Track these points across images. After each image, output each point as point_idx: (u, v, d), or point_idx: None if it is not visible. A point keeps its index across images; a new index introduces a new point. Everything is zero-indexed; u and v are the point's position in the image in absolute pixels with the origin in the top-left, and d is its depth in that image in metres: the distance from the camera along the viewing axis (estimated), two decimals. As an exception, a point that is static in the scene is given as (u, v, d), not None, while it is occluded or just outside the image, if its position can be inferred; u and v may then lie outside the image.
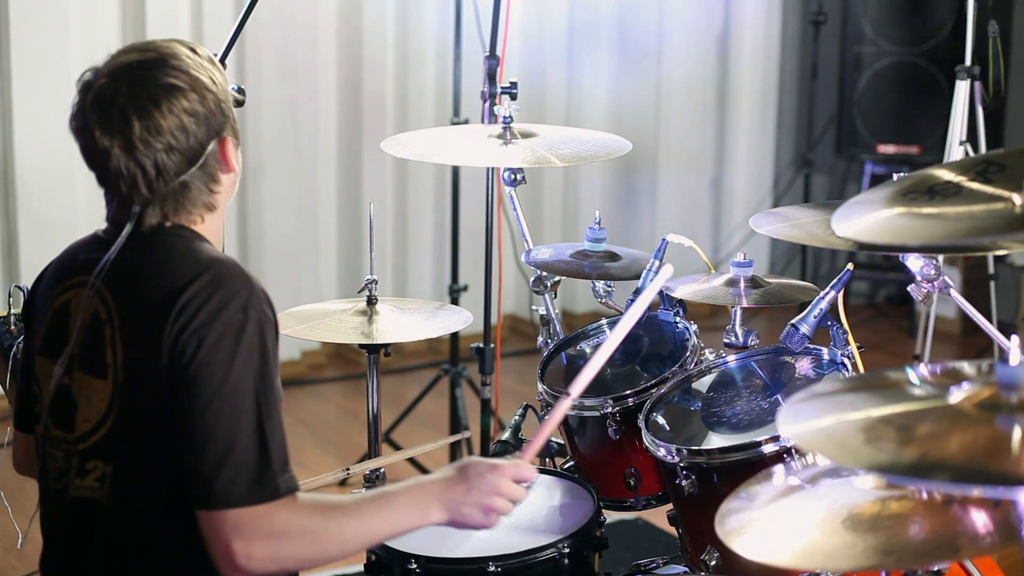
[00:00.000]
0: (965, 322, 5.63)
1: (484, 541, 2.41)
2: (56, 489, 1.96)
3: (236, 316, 1.83)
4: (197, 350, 1.81)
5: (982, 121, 4.61)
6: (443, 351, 5.19)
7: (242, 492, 1.79)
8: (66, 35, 4.62)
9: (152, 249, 1.92)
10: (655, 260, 2.76)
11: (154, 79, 1.89)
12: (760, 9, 6.06)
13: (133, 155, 1.87)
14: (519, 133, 2.95)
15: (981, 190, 1.77)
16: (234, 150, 1.97)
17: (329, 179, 5.34)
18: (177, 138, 1.88)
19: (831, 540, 1.67)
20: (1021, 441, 1.44)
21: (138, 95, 1.87)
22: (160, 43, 1.95)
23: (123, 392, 1.87)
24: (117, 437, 1.88)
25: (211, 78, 1.93)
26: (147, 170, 1.88)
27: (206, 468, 1.80)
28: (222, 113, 1.93)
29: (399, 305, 2.78)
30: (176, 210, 1.93)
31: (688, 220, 6.04)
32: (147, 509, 1.89)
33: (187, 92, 1.89)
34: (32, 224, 4.66)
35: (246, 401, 1.81)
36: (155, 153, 1.87)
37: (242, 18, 2.96)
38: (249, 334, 1.83)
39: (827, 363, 2.53)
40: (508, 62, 4.18)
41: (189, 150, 1.89)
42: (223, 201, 1.99)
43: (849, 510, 1.70)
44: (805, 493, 1.83)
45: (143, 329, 1.86)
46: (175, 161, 1.89)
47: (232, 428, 1.80)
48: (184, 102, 1.88)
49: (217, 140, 1.93)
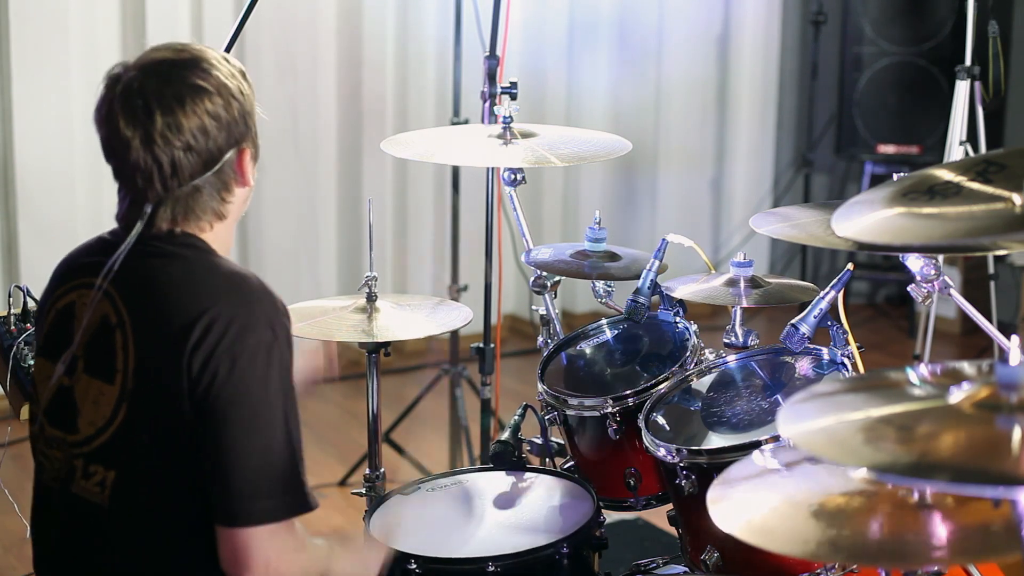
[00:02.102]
0: (965, 322, 5.63)
1: (484, 541, 2.42)
2: (53, 488, 1.96)
3: (265, 334, 1.83)
4: (232, 370, 1.81)
5: (982, 121, 4.61)
6: (443, 351, 5.19)
7: (279, 507, 1.81)
8: (66, 35, 4.62)
9: (169, 259, 1.91)
10: (655, 260, 2.76)
11: (183, 78, 1.89)
12: (760, 9, 6.06)
13: (152, 149, 1.87)
14: (519, 133, 2.95)
15: (981, 190, 1.77)
16: (251, 164, 1.97)
17: (329, 179, 5.34)
18: (197, 139, 1.88)
19: (785, 524, 1.69)
20: (1021, 441, 1.44)
21: (165, 91, 1.88)
22: (195, 46, 1.95)
23: (132, 399, 1.87)
24: (121, 442, 1.88)
25: (239, 88, 1.94)
26: (163, 166, 1.88)
27: (241, 485, 1.80)
28: (245, 124, 1.93)
29: (399, 301, 2.79)
30: (186, 215, 1.93)
31: (688, 220, 6.04)
32: (146, 516, 1.89)
33: (213, 96, 1.89)
34: (32, 224, 4.66)
35: (278, 417, 1.83)
36: (173, 150, 1.87)
37: (242, 18, 2.96)
38: (279, 351, 1.84)
39: (827, 363, 2.53)
40: (508, 62, 4.18)
41: (207, 153, 1.90)
42: (234, 213, 1.98)
43: (820, 498, 1.72)
44: (784, 476, 1.86)
45: (161, 342, 1.86)
46: (191, 162, 1.89)
47: (267, 445, 1.81)
48: (208, 104, 1.89)
49: (236, 150, 1.93)
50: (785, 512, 1.73)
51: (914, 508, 1.65)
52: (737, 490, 1.87)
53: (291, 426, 1.84)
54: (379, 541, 2.26)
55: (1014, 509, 1.51)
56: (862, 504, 1.69)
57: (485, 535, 2.45)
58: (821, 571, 2.28)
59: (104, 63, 4.67)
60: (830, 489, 1.74)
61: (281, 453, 1.82)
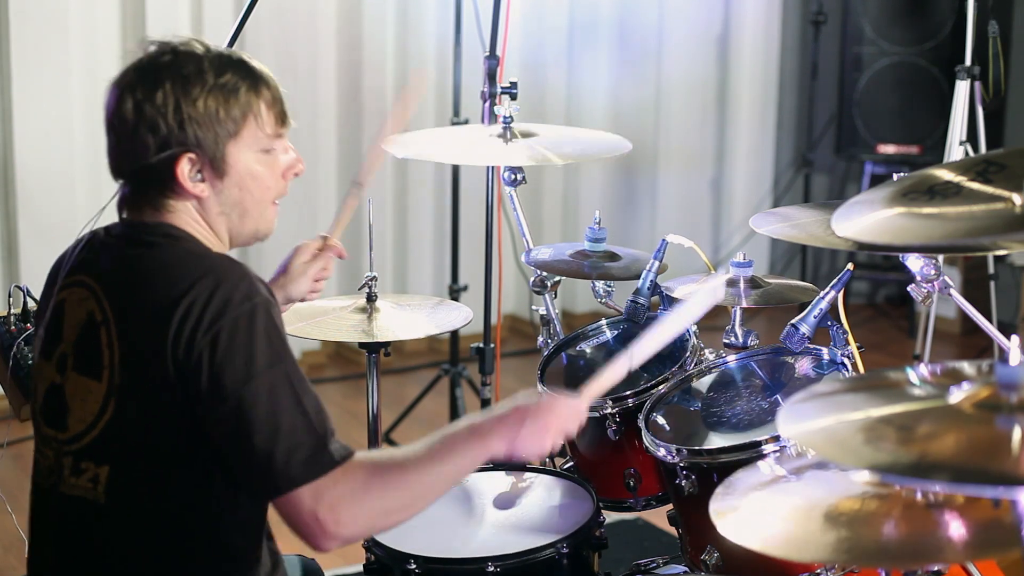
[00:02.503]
0: (965, 322, 5.63)
1: (484, 541, 2.41)
2: (45, 487, 1.96)
3: (243, 306, 1.83)
4: (214, 349, 1.81)
5: (982, 121, 4.61)
6: (443, 351, 5.19)
7: (301, 471, 1.80)
8: (66, 35, 4.62)
9: (147, 248, 1.93)
10: (655, 260, 2.76)
11: (165, 65, 1.92)
12: (760, 9, 6.06)
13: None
14: (519, 133, 2.95)
15: (981, 190, 1.77)
16: (192, 174, 1.94)
17: (329, 179, 5.34)
18: (149, 124, 1.90)
19: (798, 529, 1.69)
20: (1021, 441, 1.44)
21: (145, 76, 1.91)
22: (188, 46, 1.96)
23: (119, 393, 1.87)
24: (110, 438, 1.88)
25: (203, 96, 1.92)
26: (121, 143, 1.93)
27: (259, 458, 1.80)
28: (182, 130, 1.91)
29: (399, 302, 2.79)
30: (148, 201, 1.96)
31: (688, 220, 6.04)
32: (141, 510, 1.89)
33: (172, 91, 1.90)
34: (32, 224, 4.66)
35: (278, 382, 1.82)
36: (130, 129, 1.90)
37: (242, 18, 2.96)
38: (260, 319, 1.84)
39: (827, 363, 2.53)
40: (508, 62, 4.18)
41: (155, 142, 1.91)
42: (218, 206, 1.97)
43: (830, 503, 1.71)
44: (792, 482, 1.85)
45: (143, 332, 1.86)
46: (141, 146, 1.91)
47: (273, 411, 1.80)
48: (160, 97, 1.90)
49: (172, 153, 1.92)
50: (797, 520, 1.71)
51: (924, 508, 1.64)
52: (745, 501, 1.85)
53: (297, 388, 1.83)
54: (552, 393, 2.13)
55: (1014, 509, 1.51)
56: (874, 507, 1.68)
57: (485, 535, 2.45)
58: (821, 571, 2.28)
59: (104, 63, 4.74)
60: (839, 495, 1.72)
61: (291, 416, 1.81)
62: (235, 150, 1.95)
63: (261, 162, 1.99)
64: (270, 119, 1.99)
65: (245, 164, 1.97)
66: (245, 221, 2.01)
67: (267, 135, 1.99)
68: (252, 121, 1.96)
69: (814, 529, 1.67)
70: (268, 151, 2.00)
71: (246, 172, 1.97)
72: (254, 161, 1.98)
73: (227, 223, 2.00)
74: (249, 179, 1.98)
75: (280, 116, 2.01)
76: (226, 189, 1.97)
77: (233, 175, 1.96)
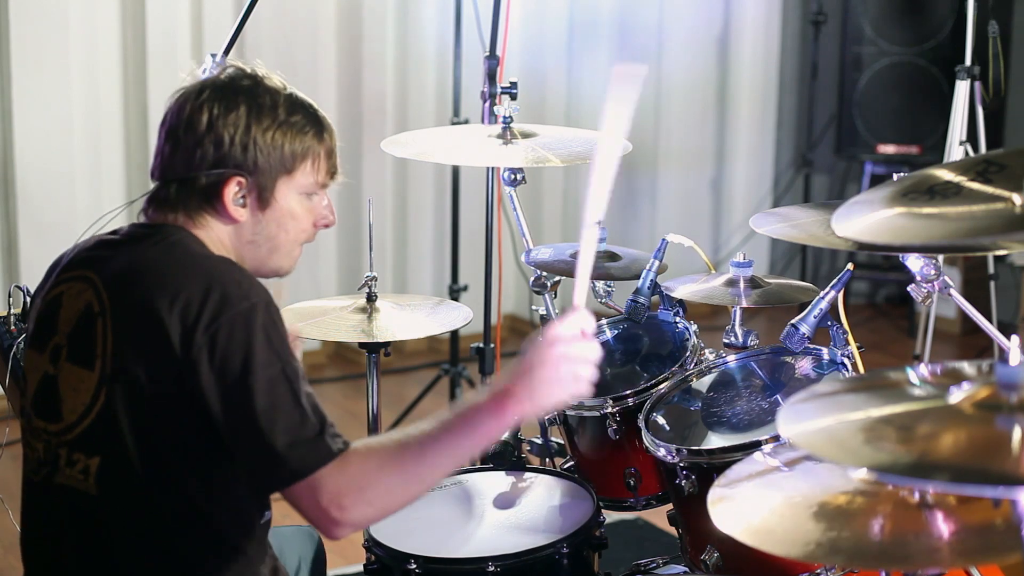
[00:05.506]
0: (965, 322, 5.63)
1: (484, 541, 2.42)
2: (36, 481, 1.97)
3: (242, 304, 1.86)
4: (213, 346, 1.83)
5: (982, 121, 4.62)
6: (443, 351, 5.19)
7: (301, 464, 1.81)
8: (66, 35, 4.62)
9: (152, 246, 1.96)
10: (655, 260, 2.76)
11: (236, 87, 2.00)
12: (760, 9, 6.06)
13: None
14: (519, 133, 2.95)
15: (981, 190, 1.77)
16: (237, 197, 1.98)
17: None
18: (228, 141, 1.96)
19: (785, 525, 1.69)
20: (1021, 441, 1.44)
21: (201, 95, 1.98)
22: (267, 77, 2.06)
23: (110, 383, 1.89)
24: (102, 429, 1.89)
25: (270, 124, 1.99)
26: (164, 151, 1.98)
27: (260, 453, 1.82)
28: (243, 154, 1.97)
29: (399, 302, 2.79)
30: (176, 208, 1.99)
31: (688, 220, 6.04)
32: (135, 501, 1.90)
33: (231, 113, 1.97)
34: (32, 224, 4.66)
35: (276, 379, 1.83)
36: (180, 140, 1.96)
37: (242, 18, 2.96)
38: (259, 316, 1.86)
39: (827, 363, 2.53)
40: (508, 62, 4.17)
41: (226, 158, 1.96)
42: (243, 233, 2.01)
43: (820, 499, 1.72)
44: (785, 476, 1.85)
45: (138, 324, 1.88)
46: (210, 157, 1.96)
47: (272, 407, 1.82)
48: (213, 116, 1.96)
49: (222, 173, 1.97)
50: (785, 513, 1.73)
51: (916, 508, 1.65)
52: (737, 490, 1.87)
53: (293, 384, 1.84)
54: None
55: (1014, 509, 1.51)
56: (863, 505, 1.69)
57: (485, 535, 2.45)
58: (821, 571, 2.28)
59: (104, 63, 4.75)
60: (831, 489, 1.74)
61: (288, 410, 1.83)
62: (284, 187, 2.01)
63: (303, 205, 2.04)
64: (324, 168, 2.05)
65: (288, 203, 2.02)
66: (273, 256, 2.05)
67: (316, 182, 2.04)
68: (308, 164, 2.02)
69: (808, 527, 1.67)
70: (311, 195, 2.05)
71: (287, 210, 2.02)
72: (297, 202, 2.03)
73: (253, 253, 2.03)
74: (289, 218, 2.03)
75: (332, 168, 2.08)
76: (264, 221, 2.01)
77: (275, 209, 2.01)
